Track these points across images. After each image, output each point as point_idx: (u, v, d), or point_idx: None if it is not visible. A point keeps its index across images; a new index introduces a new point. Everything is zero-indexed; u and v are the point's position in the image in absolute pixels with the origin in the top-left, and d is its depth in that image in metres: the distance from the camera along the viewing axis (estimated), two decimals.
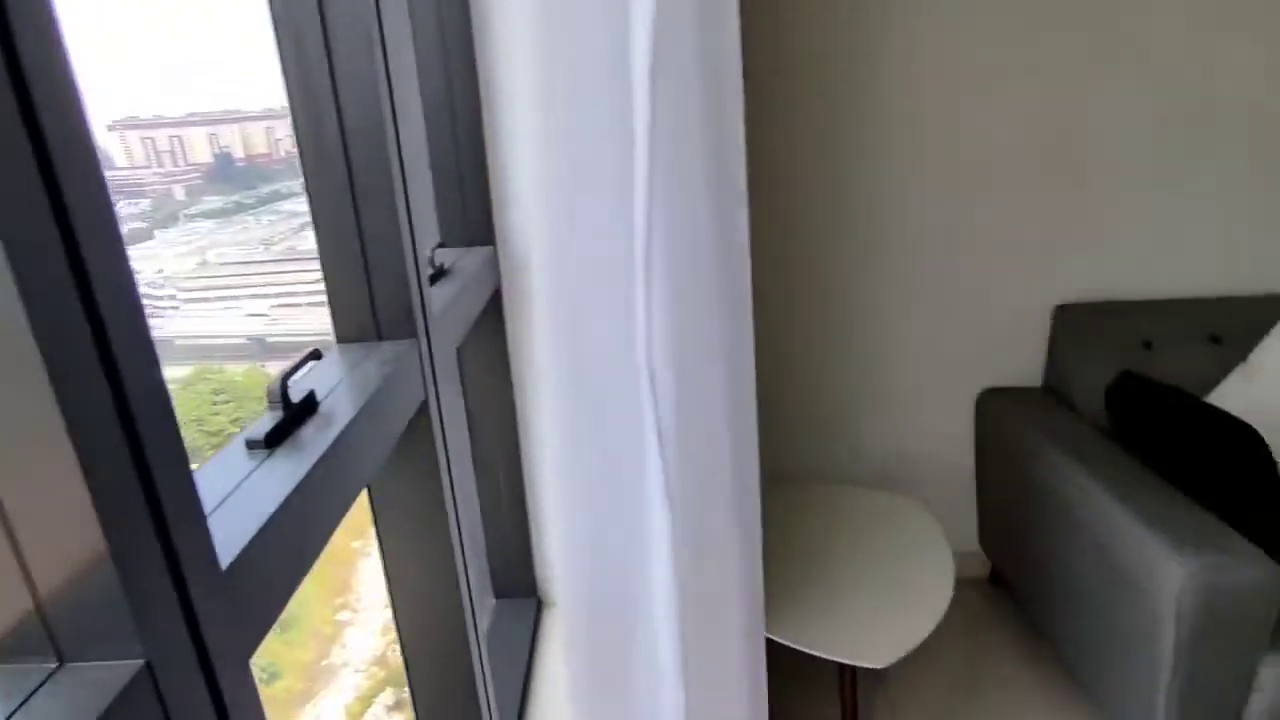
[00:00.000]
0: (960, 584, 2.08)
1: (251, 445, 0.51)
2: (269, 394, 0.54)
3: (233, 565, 0.38)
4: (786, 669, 1.80)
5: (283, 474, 0.48)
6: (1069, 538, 1.53)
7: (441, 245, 1.20)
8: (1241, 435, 1.36)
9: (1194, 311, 1.80)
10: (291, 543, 0.46)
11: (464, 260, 1.05)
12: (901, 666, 1.81)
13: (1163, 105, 1.73)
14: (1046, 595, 1.67)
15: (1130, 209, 1.81)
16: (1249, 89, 1.73)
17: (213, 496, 0.43)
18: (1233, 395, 1.68)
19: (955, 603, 2.00)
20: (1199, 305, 1.82)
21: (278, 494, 0.45)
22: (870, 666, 1.25)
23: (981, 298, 1.86)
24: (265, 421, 0.52)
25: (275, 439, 0.52)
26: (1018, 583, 1.83)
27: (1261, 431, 1.62)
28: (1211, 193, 1.80)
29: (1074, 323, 1.81)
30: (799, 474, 1.99)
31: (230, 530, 0.40)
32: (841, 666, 1.37)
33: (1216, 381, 1.72)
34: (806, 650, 1.29)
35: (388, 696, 1.00)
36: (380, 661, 1.11)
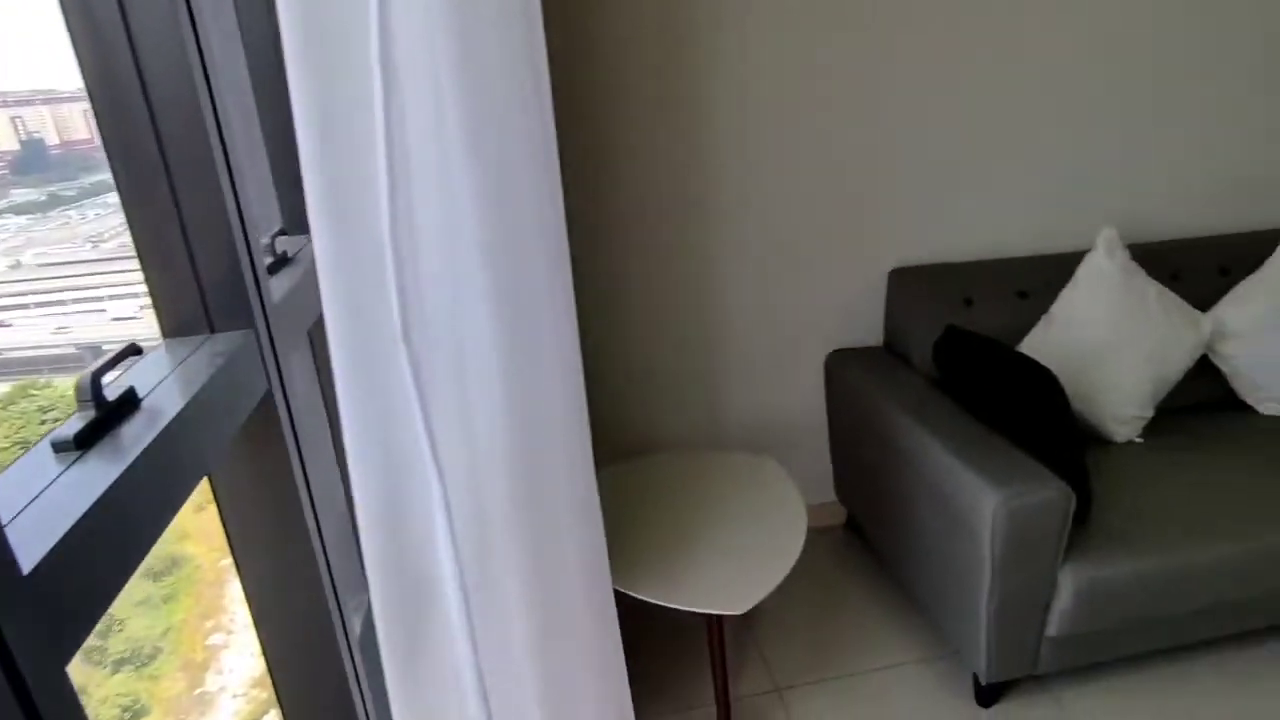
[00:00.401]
0: (821, 532, 2.25)
1: (59, 447, 0.49)
2: (78, 391, 0.52)
3: (37, 571, 0.37)
4: (660, 629, 1.89)
5: (96, 475, 0.46)
6: (907, 481, 1.69)
7: (283, 232, 1.15)
8: (1041, 377, 1.55)
9: (1006, 271, 2.01)
10: (110, 544, 0.45)
11: (310, 246, 1.03)
12: (769, 611, 1.94)
13: (971, 81, 1.91)
14: (892, 534, 1.84)
15: (950, 180, 1.98)
16: (1050, 63, 1.94)
17: (12, 503, 0.42)
18: (1037, 342, 1.90)
19: (817, 549, 2.17)
20: (1010, 265, 2.03)
21: (89, 495, 0.44)
22: (730, 613, 1.34)
23: (825, 265, 1.99)
24: (74, 422, 0.50)
25: (87, 439, 0.50)
26: (869, 526, 2.00)
27: (1057, 372, 1.85)
28: (1017, 163, 2.01)
29: (906, 285, 1.98)
30: (662, 443, 2.07)
31: (33, 535, 0.39)
32: (708, 618, 1.46)
33: (1025, 331, 1.94)
34: (670, 605, 1.36)
35: (274, 718, 0.97)
36: (261, 683, 1.07)
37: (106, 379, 0.55)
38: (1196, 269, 2.10)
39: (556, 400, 0.85)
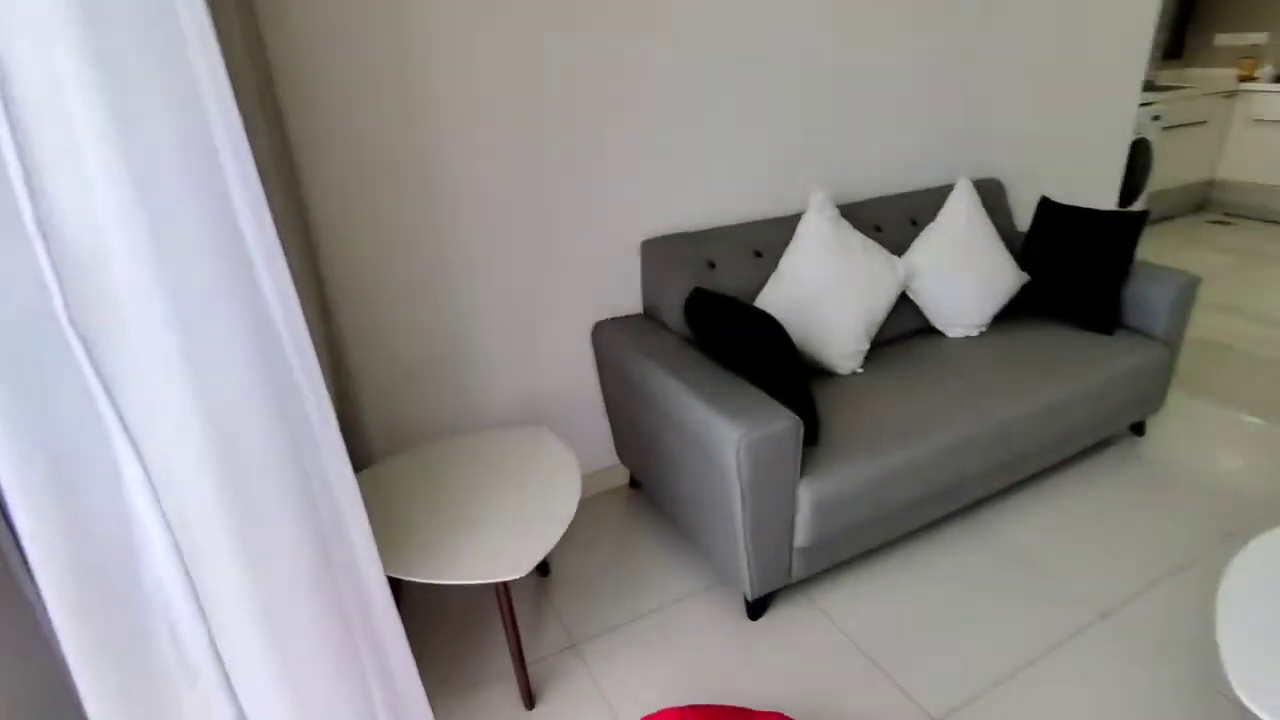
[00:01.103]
0: (609, 494, 2.38)
1: None
2: None
3: None
4: (457, 610, 1.92)
5: None
6: (668, 431, 1.85)
7: None
8: (769, 325, 1.76)
9: (742, 234, 2.24)
10: None
11: None
12: (564, 574, 2.03)
13: (693, 64, 2.09)
14: (663, 483, 1.99)
15: (686, 155, 2.16)
16: (767, 48, 2.17)
17: None
18: (770, 295, 2.14)
19: (606, 510, 2.30)
20: (746, 229, 2.26)
21: None
22: (509, 578, 1.40)
23: (581, 244, 2.09)
24: None
25: None
26: (645, 480, 2.15)
27: (787, 319, 2.09)
28: (745, 137, 2.24)
29: (657, 254, 2.13)
30: (441, 430, 2.08)
31: None
32: (495, 589, 1.51)
33: (762, 285, 2.17)
34: (450, 583, 1.39)
35: None
36: None
37: None
38: (893, 221, 2.47)
39: (254, 397, 0.84)
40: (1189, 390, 2.93)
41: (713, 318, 1.89)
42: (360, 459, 1.90)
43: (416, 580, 1.41)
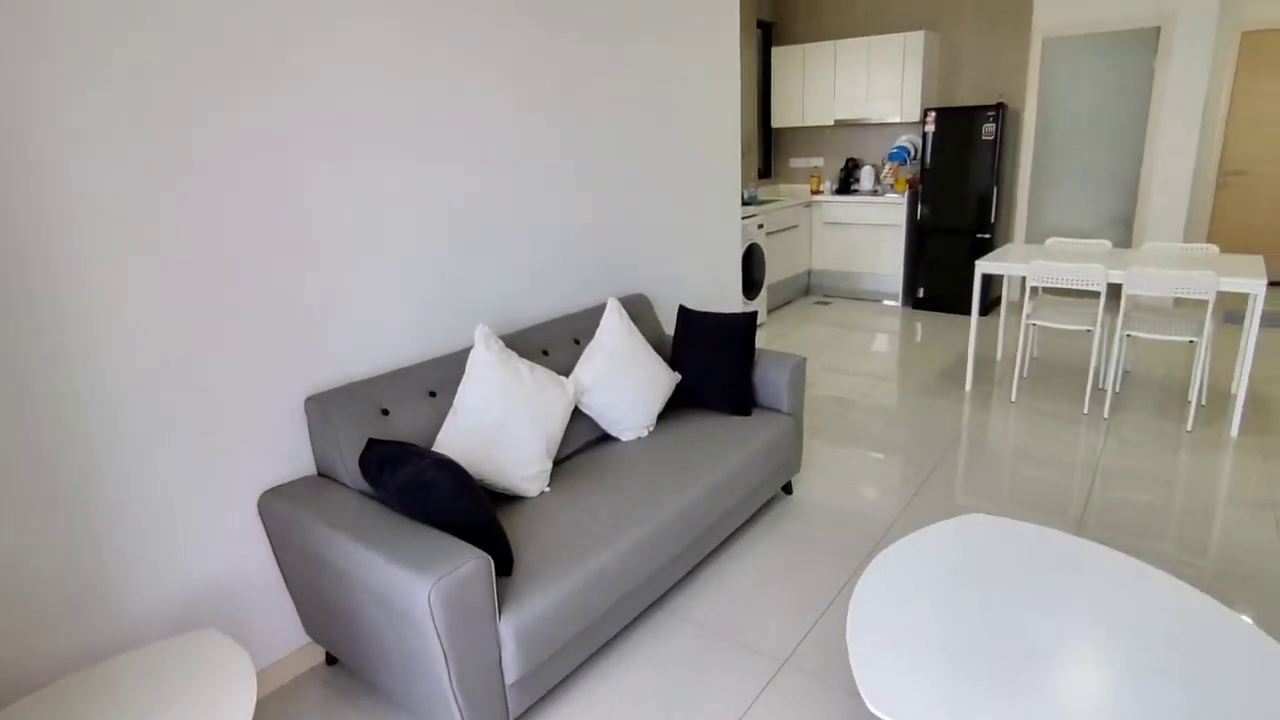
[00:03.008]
0: (301, 678, 2.15)
1: None
2: None
3: None
4: None
5: None
6: (356, 596, 1.75)
7: None
8: (445, 465, 1.78)
9: (414, 376, 2.26)
10: None
11: None
12: None
13: (354, 214, 2.11)
14: (361, 651, 1.86)
15: (348, 302, 2.14)
16: (426, 198, 2.26)
17: None
18: (449, 433, 2.17)
19: (301, 695, 2.07)
20: (417, 370, 2.28)
21: None
22: None
23: (241, 404, 1.93)
24: None
25: None
26: (342, 654, 1.98)
27: (467, 453, 2.13)
28: (409, 283, 2.29)
29: (324, 409, 2.05)
30: (84, 655, 1.73)
31: None
32: None
33: (440, 424, 2.20)
34: None
35: None
36: None
37: None
38: (558, 343, 2.69)
39: None
40: (824, 441, 3.55)
41: (388, 467, 1.86)
42: None
43: None
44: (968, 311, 5.90)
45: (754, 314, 2.86)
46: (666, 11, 3.24)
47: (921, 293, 6.11)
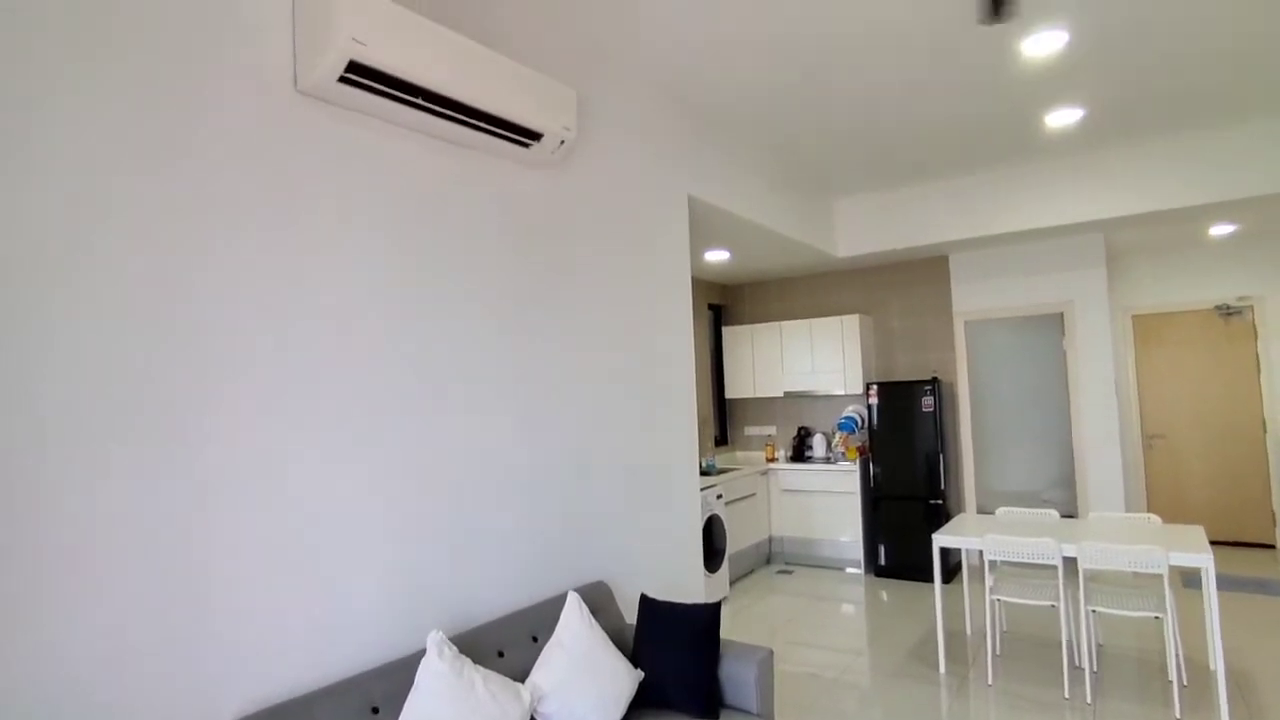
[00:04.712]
0: None
1: None
2: None
3: None
4: None
5: None
6: None
7: None
8: None
9: (357, 689, 2.08)
10: None
11: None
12: None
13: (290, 515, 2.08)
14: None
15: (275, 609, 2.04)
16: (363, 497, 2.26)
17: None
18: None
19: None
20: (360, 681, 2.11)
21: None
22: None
23: None
24: None
25: None
26: None
27: None
28: (350, 587, 2.21)
29: None
30: None
31: None
32: None
33: None
34: None
35: None
36: None
37: None
38: (515, 642, 2.55)
39: None
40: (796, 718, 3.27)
41: None
42: None
43: None
44: (931, 579, 5.85)
45: (718, 605, 2.79)
46: (626, 296, 3.57)
47: (883, 560, 6.09)
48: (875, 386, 6.17)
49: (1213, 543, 6.64)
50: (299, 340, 2.12)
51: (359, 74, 2.11)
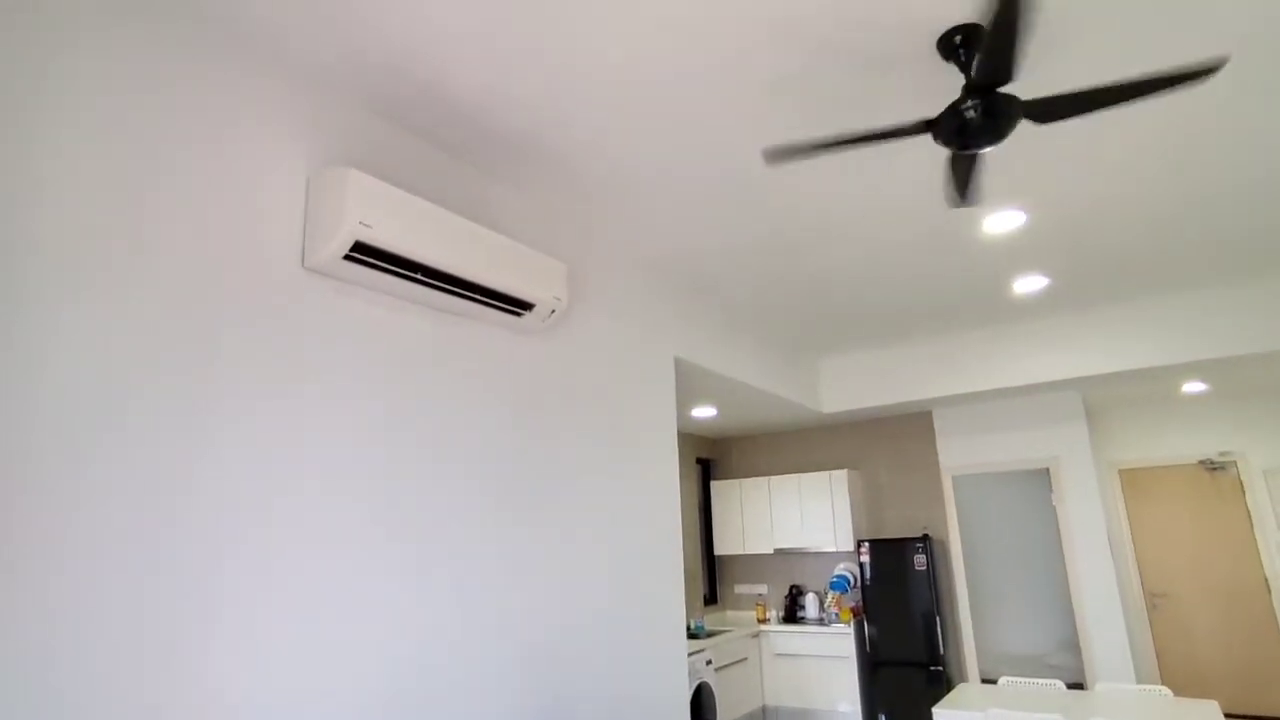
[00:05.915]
0: None
1: None
2: None
3: None
4: None
5: None
6: None
7: None
8: None
9: None
10: None
11: None
12: None
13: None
14: None
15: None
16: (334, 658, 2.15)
17: None
18: None
19: None
20: None
21: None
22: None
23: None
24: None
25: None
26: None
27: None
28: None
29: None
30: None
31: None
32: None
33: None
34: None
35: None
36: None
37: None
38: None
39: None
40: None
41: None
42: None
43: None
44: None
45: None
46: (612, 460, 3.57)
47: None
48: (866, 544, 6.07)
49: (1229, 715, 6.30)
50: (284, 521, 2.11)
51: (363, 252, 2.25)
